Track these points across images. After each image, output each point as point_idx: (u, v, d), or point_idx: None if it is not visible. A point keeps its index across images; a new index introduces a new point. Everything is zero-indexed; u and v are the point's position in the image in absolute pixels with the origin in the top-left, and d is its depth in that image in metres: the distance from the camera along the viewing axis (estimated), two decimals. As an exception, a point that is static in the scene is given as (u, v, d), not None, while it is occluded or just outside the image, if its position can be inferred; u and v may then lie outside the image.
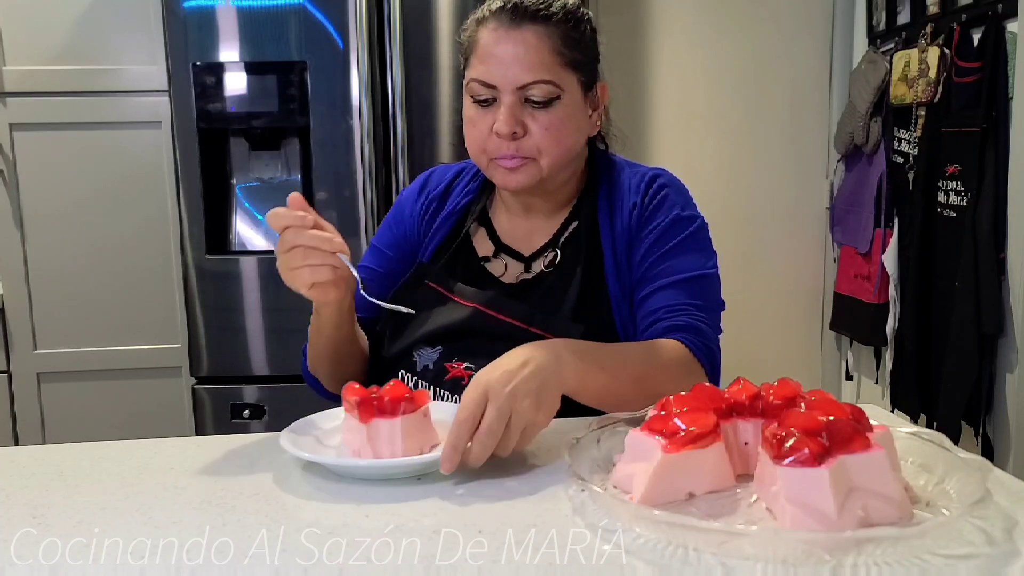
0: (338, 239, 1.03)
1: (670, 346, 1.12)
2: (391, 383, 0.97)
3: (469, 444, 0.89)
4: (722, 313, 1.23)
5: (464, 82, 1.19)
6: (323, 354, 1.23)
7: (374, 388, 0.96)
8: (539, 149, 1.15)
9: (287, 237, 1.02)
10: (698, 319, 1.16)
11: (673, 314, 1.16)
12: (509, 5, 1.14)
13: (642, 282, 1.20)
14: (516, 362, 0.93)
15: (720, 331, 1.20)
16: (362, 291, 1.08)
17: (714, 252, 1.24)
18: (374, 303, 1.14)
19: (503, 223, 1.29)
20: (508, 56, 1.13)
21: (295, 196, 1.03)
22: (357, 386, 0.96)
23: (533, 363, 0.94)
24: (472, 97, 1.17)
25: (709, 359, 1.14)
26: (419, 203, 1.33)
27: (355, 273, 1.06)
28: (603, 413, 1.01)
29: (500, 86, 1.13)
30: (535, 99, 1.14)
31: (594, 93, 1.22)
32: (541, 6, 1.14)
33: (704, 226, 1.24)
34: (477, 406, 0.89)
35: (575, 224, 1.25)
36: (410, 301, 1.21)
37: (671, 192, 1.24)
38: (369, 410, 0.94)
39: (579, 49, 1.17)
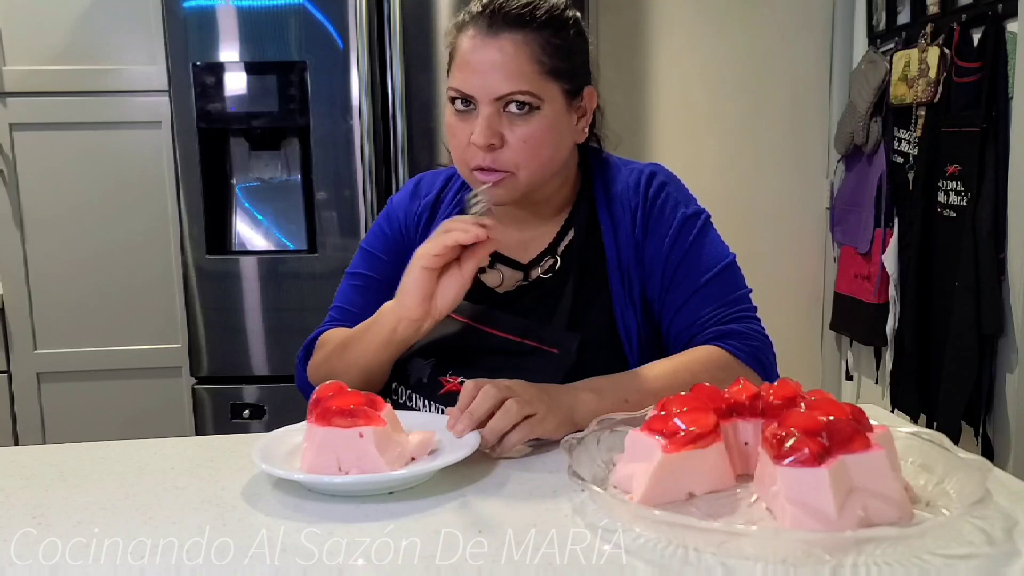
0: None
1: (708, 354, 1.13)
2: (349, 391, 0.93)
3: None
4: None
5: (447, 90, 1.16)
6: (353, 370, 1.19)
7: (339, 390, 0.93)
8: (516, 163, 1.11)
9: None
10: (732, 319, 1.16)
11: (709, 325, 1.16)
12: (488, 10, 1.10)
13: (671, 291, 1.19)
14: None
15: (758, 317, 1.20)
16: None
17: (723, 240, 1.24)
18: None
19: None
20: (485, 65, 1.08)
21: None
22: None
23: (552, 389, 1.03)
24: (453, 105, 1.13)
25: (754, 357, 1.14)
26: (413, 208, 1.29)
27: None
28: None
29: (477, 96, 1.09)
30: (514, 110, 1.10)
31: (580, 100, 1.16)
32: (523, 11, 1.09)
33: (708, 216, 1.24)
34: (498, 393, 0.96)
35: (574, 229, 1.22)
36: None
37: (672, 190, 1.22)
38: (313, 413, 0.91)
39: (561, 56, 1.11)
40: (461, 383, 1.16)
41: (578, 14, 1.17)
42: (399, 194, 1.34)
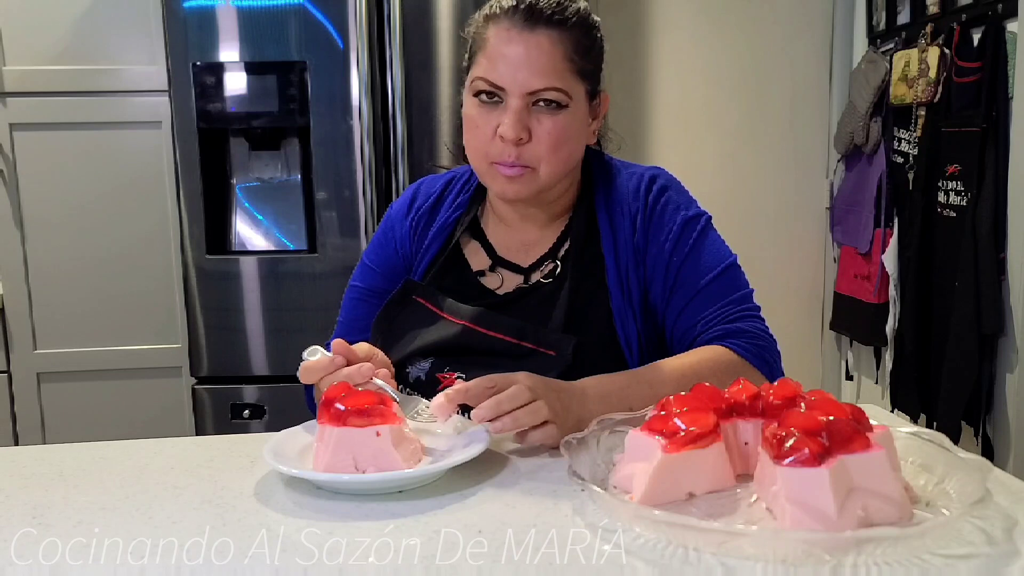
0: (366, 367, 1.02)
1: (714, 355, 1.12)
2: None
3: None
4: None
5: (467, 80, 1.15)
6: None
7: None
8: (540, 158, 1.12)
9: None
10: (737, 318, 1.16)
11: (713, 324, 1.16)
12: (523, 5, 1.10)
13: (673, 293, 1.19)
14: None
15: (762, 316, 1.20)
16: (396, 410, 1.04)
17: (724, 242, 1.24)
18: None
19: (498, 236, 1.26)
20: (519, 59, 1.09)
21: (336, 343, 1.05)
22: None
23: (564, 396, 1.01)
24: (476, 96, 1.13)
25: (759, 357, 1.14)
26: (408, 220, 1.30)
27: (392, 394, 1.02)
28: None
29: (508, 89, 1.10)
30: (543, 105, 1.11)
31: (596, 103, 1.20)
32: (557, 9, 1.10)
33: (709, 218, 1.24)
34: (531, 396, 0.96)
35: (574, 234, 1.23)
36: (399, 318, 1.21)
37: (672, 193, 1.23)
38: (325, 414, 0.91)
39: (589, 58, 1.14)
40: (458, 378, 1.16)
41: (600, 20, 1.19)
42: (398, 203, 1.34)
